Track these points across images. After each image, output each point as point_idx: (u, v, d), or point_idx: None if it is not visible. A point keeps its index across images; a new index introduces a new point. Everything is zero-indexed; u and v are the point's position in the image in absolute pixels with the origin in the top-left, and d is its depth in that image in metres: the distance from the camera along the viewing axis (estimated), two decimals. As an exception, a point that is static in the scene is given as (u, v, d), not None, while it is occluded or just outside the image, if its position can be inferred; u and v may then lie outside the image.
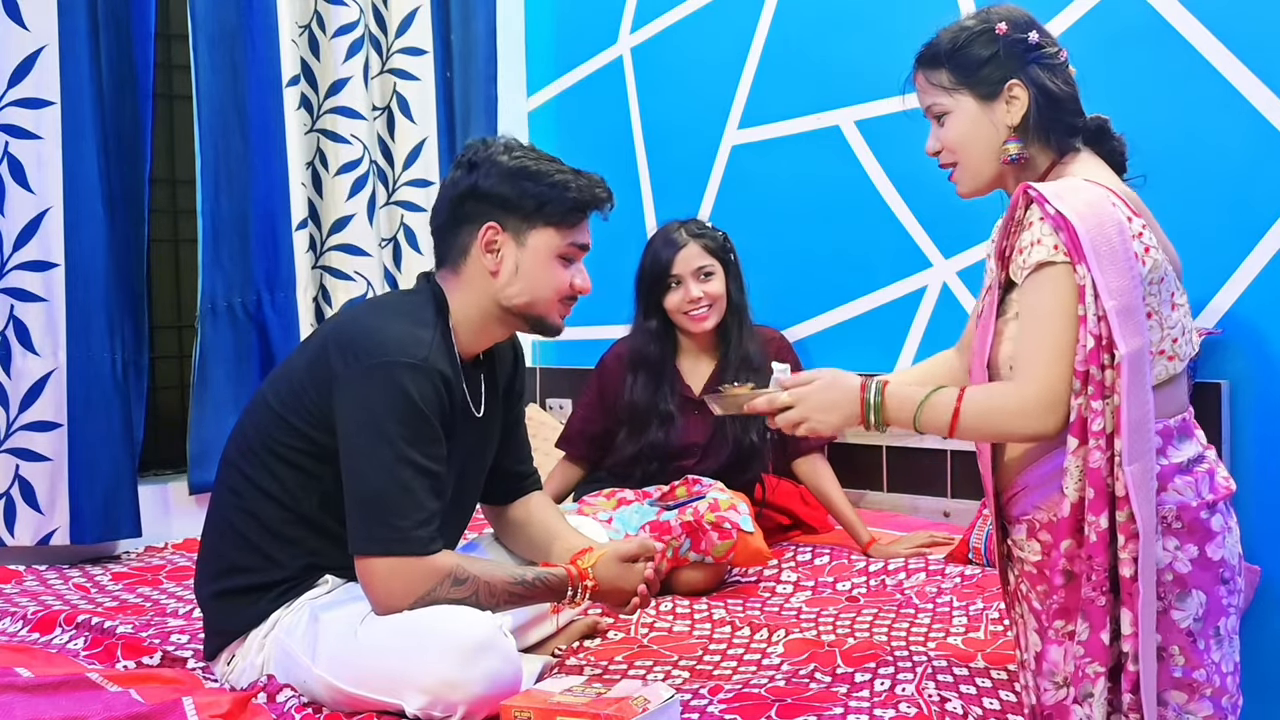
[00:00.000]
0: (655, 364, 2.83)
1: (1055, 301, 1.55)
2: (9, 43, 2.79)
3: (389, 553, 1.71)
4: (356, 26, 3.31)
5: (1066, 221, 1.53)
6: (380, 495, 1.71)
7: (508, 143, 1.92)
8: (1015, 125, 1.68)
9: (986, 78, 1.69)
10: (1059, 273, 1.55)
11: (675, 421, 2.79)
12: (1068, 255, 1.54)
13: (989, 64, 1.69)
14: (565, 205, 1.87)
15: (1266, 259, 2.50)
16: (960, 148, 1.72)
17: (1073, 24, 2.74)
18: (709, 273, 2.80)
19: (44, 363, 2.83)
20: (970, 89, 1.70)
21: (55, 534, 2.83)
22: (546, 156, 1.92)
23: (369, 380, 1.74)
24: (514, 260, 1.87)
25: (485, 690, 1.64)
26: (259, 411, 1.88)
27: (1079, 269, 1.52)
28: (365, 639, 1.72)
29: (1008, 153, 1.69)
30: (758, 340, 2.88)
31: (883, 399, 1.65)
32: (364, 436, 1.73)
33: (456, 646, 1.65)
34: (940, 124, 1.74)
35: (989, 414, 1.60)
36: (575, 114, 3.82)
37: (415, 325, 1.81)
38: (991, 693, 1.81)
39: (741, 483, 2.77)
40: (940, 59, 1.72)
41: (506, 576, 1.82)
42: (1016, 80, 1.68)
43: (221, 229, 3.13)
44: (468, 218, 1.88)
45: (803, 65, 3.26)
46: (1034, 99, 1.67)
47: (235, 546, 1.85)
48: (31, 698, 1.70)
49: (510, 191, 1.86)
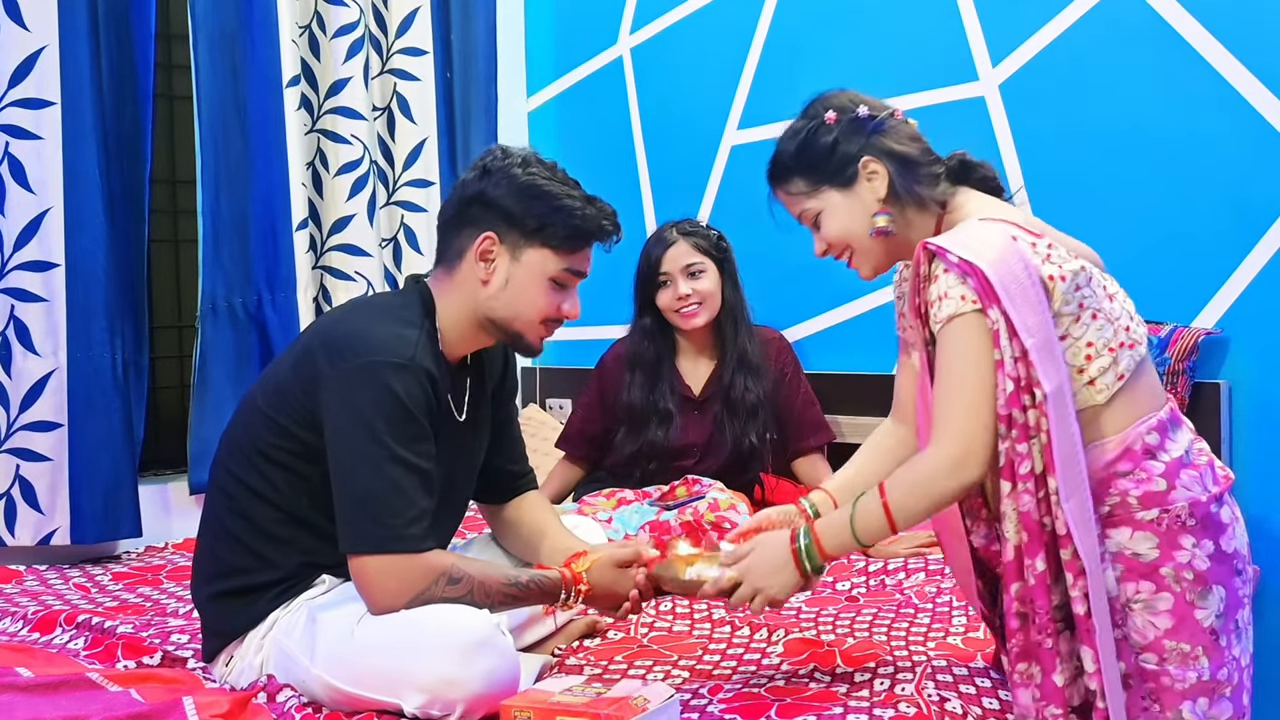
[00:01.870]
0: (652, 363, 2.83)
1: (967, 350, 1.54)
2: (9, 43, 2.79)
3: (381, 550, 1.71)
4: (356, 27, 3.31)
5: (973, 267, 1.53)
6: (371, 493, 1.71)
7: (526, 156, 1.90)
8: (884, 198, 1.70)
9: (838, 167, 1.71)
10: (969, 322, 1.54)
11: (674, 420, 2.79)
12: (976, 301, 1.53)
13: (834, 153, 1.71)
14: (566, 231, 1.85)
15: (1266, 259, 2.50)
16: (844, 239, 1.74)
17: (1072, 24, 2.74)
18: (698, 270, 2.81)
19: (44, 363, 2.83)
20: (828, 183, 1.73)
21: (55, 534, 2.83)
22: (562, 178, 1.90)
23: (355, 380, 1.74)
24: (505, 274, 1.86)
25: (484, 688, 1.64)
26: (248, 413, 1.88)
27: (991, 312, 1.52)
28: (363, 638, 1.72)
29: (876, 225, 1.70)
30: (757, 340, 2.88)
31: (813, 539, 1.66)
32: (352, 435, 1.73)
33: (454, 645, 1.65)
34: (817, 227, 1.76)
35: (915, 489, 1.60)
36: (575, 114, 3.83)
37: (401, 325, 1.81)
38: (991, 693, 1.81)
39: (741, 483, 2.78)
40: (789, 169, 1.76)
41: (501, 578, 1.81)
42: (867, 156, 1.70)
43: (222, 229, 3.13)
44: (471, 221, 1.88)
45: (803, 65, 3.26)
46: (889, 168, 1.69)
47: (230, 548, 1.86)
48: (32, 697, 1.70)
49: (515, 206, 1.85)
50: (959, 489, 1.58)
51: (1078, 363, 1.59)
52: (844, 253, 1.76)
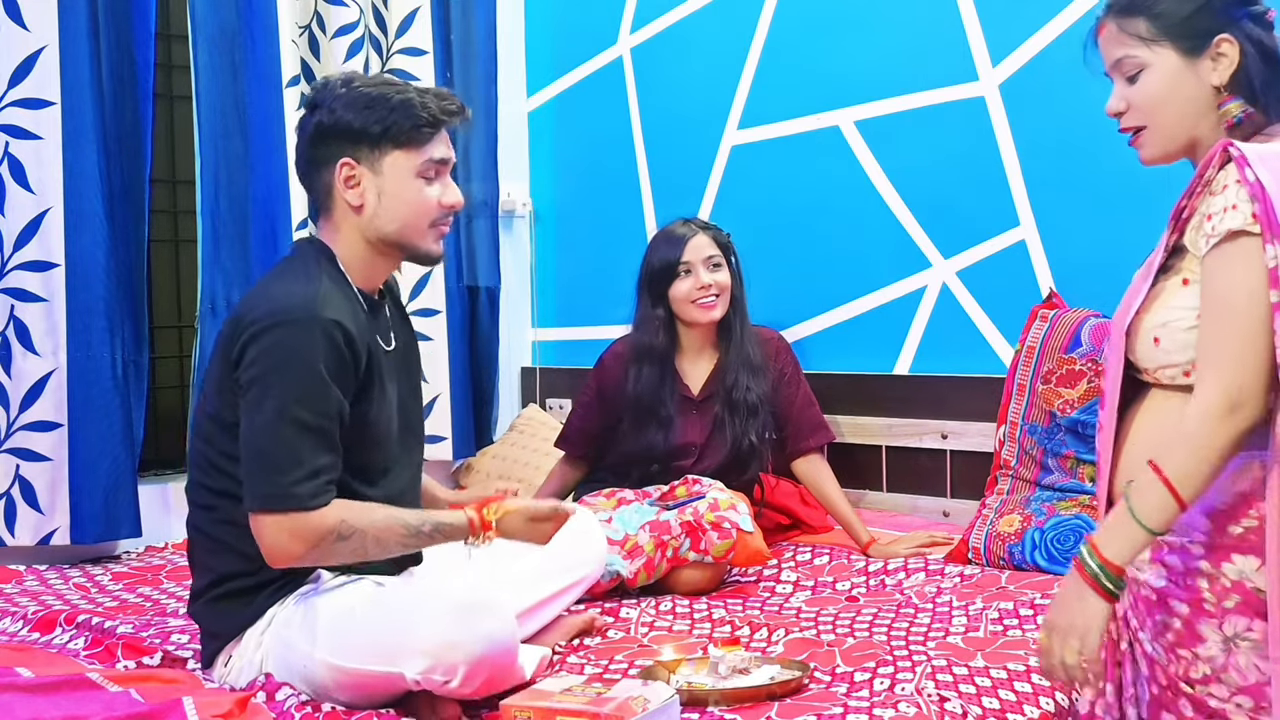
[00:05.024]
0: (660, 356, 2.82)
1: (1246, 282, 1.34)
2: (9, 43, 2.79)
3: (271, 509, 1.73)
4: (356, 27, 3.31)
5: (1263, 191, 1.33)
6: (264, 452, 1.74)
7: (346, 76, 1.91)
8: (1224, 85, 1.48)
9: (1193, 30, 1.48)
10: (1252, 247, 1.34)
11: (674, 424, 2.79)
12: (1263, 229, 1.34)
13: (1197, 14, 1.48)
14: (410, 124, 1.85)
15: (1266, 259, 2.50)
16: (1155, 108, 1.51)
17: (1072, 24, 2.74)
18: (718, 263, 2.81)
19: (44, 363, 2.83)
20: (1173, 42, 1.49)
21: (55, 534, 2.83)
22: (387, 80, 1.91)
23: (258, 343, 1.76)
24: (376, 190, 1.87)
25: (483, 649, 1.66)
26: (201, 424, 1.90)
27: (1269, 248, 1.33)
28: (362, 613, 1.75)
29: (1229, 114, 1.48)
30: (756, 340, 2.88)
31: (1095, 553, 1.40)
32: (251, 395, 1.76)
33: (451, 607, 1.68)
34: (1130, 81, 1.52)
35: (1189, 445, 1.37)
36: (575, 114, 3.82)
37: (298, 282, 1.82)
38: (991, 692, 1.81)
39: (741, 483, 2.78)
40: (1139, 6, 1.51)
41: (400, 530, 1.81)
42: (1226, 35, 1.47)
43: (221, 229, 3.12)
44: (323, 159, 1.88)
45: (803, 65, 3.26)
46: (1246, 56, 1.47)
47: (222, 558, 1.86)
48: (32, 697, 1.70)
49: (356, 121, 1.84)
50: (1233, 436, 1.35)
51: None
52: (1139, 125, 1.53)
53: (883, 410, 3.06)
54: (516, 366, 3.87)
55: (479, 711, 1.77)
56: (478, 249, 3.63)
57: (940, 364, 3.02)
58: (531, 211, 3.89)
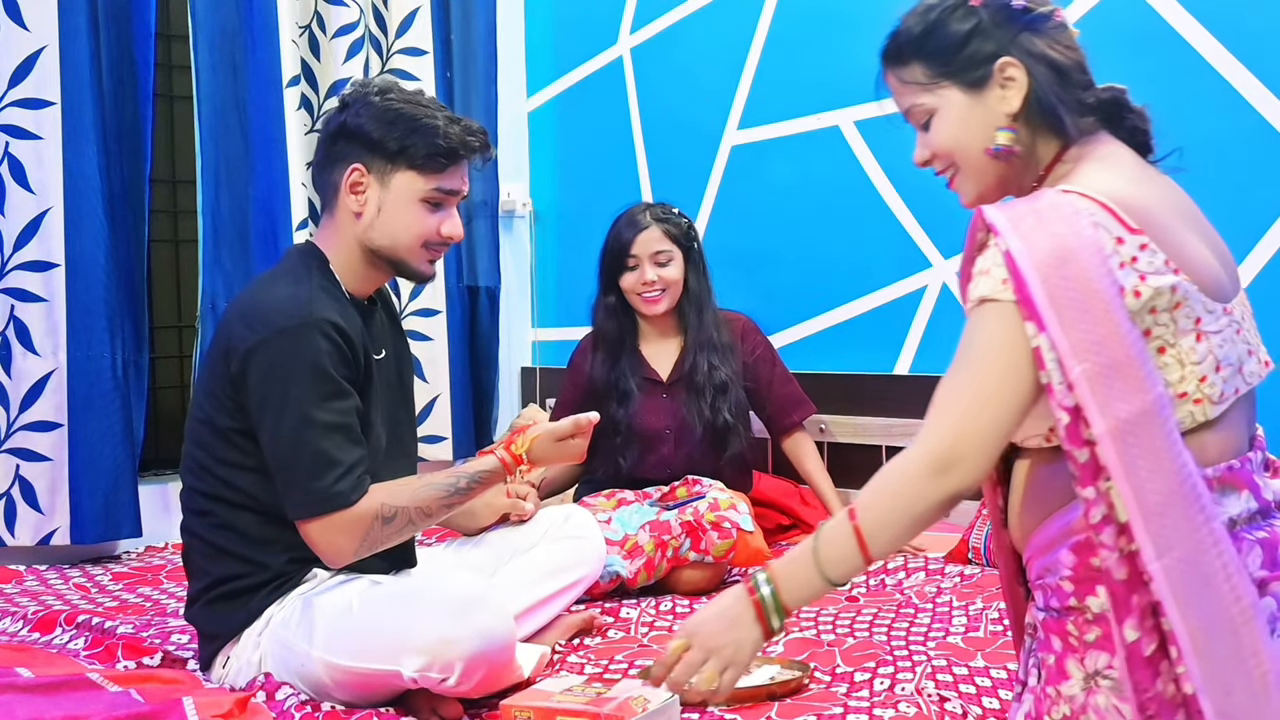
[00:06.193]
0: (615, 341, 2.83)
1: (991, 342, 1.24)
2: (9, 43, 2.79)
3: (317, 514, 1.74)
4: (356, 27, 3.31)
5: (1015, 267, 1.21)
6: (296, 463, 1.75)
7: (384, 84, 1.91)
8: (1015, 112, 1.36)
9: (970, 61, 1.37)
10: (1003, 312, 1.23)
11: (633, 399, 2.78)
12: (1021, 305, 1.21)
13: (971, 42, 1.37)
14: (428, 150, 1.85)
15: (1266, 259, 2.50)
16: (954, 151, 1.40)
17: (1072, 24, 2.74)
18: (666, 259, 2.80)
19: (44, 363, 2.83)
20: (953, 79, 1.38)
21: (55, 534, 2.83)
22: (423, 100, 1.90)
23: (261, 354, 1.76)
24: (377, 202, 1.87)
25: (480, 645, 1.66)
26: (195, 430, 1.89)
27: (1028, 326, 1.21)
28: (360, 612, 1.75)
29: (996, 141, 1.36)
30: (721, 322, 2.86)
31: (774, 587, 1.30)
32: (268, 409, 1.76)
33: (446, 604, 1.68)
34: (925, 128, 1.42)
35: (888, 495, 1.27)
36: (575, 114, 3.82)
37: (292, 285, 1.83)
38: (991, 692, 1.81)
39: (728, 460, 2.76)
40: (910, 50, 1.42)
41: (438, 493, 1.82)
42: (1009, 57, 1.35)
43: (221, 229, 3.13)
44: (338, 158, 1.88)
45: (803, 65, 3.26)
46: (1034, 76, 1.35)
47: (219, 562, 1.86)
48: (32, 698, 1.70)
49: (376, 132, 1.85)
50: (941, 498, 1.24)
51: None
52: (948, 168, 1.42)
53: (882, 410, 3.06)
54: (516, 366, 3.87)
55: (479, 711, 1.77)
56: (478, 249, 3.63)
57: (940, 364, 2.98)
58: (531, 211, 3.89)
